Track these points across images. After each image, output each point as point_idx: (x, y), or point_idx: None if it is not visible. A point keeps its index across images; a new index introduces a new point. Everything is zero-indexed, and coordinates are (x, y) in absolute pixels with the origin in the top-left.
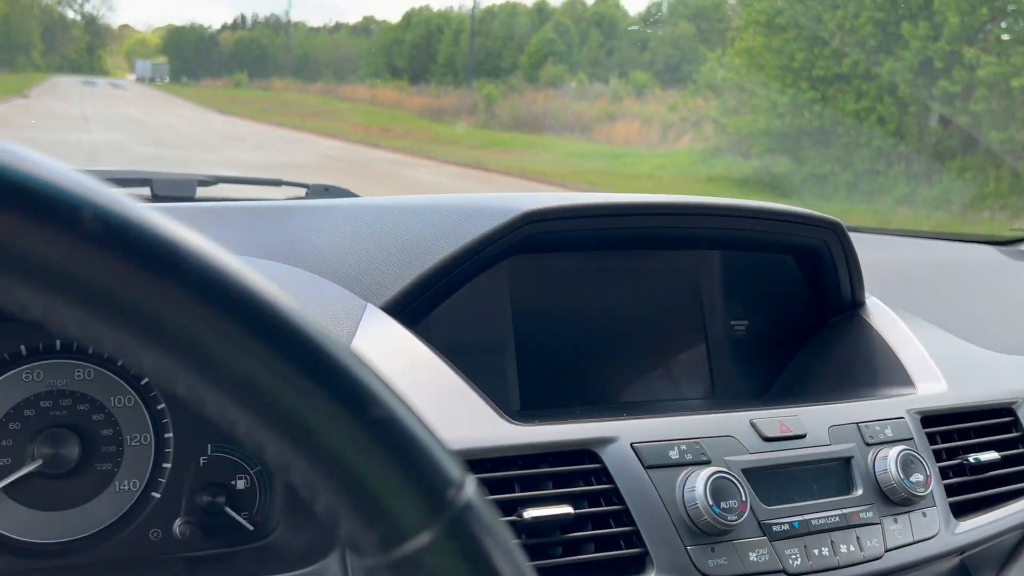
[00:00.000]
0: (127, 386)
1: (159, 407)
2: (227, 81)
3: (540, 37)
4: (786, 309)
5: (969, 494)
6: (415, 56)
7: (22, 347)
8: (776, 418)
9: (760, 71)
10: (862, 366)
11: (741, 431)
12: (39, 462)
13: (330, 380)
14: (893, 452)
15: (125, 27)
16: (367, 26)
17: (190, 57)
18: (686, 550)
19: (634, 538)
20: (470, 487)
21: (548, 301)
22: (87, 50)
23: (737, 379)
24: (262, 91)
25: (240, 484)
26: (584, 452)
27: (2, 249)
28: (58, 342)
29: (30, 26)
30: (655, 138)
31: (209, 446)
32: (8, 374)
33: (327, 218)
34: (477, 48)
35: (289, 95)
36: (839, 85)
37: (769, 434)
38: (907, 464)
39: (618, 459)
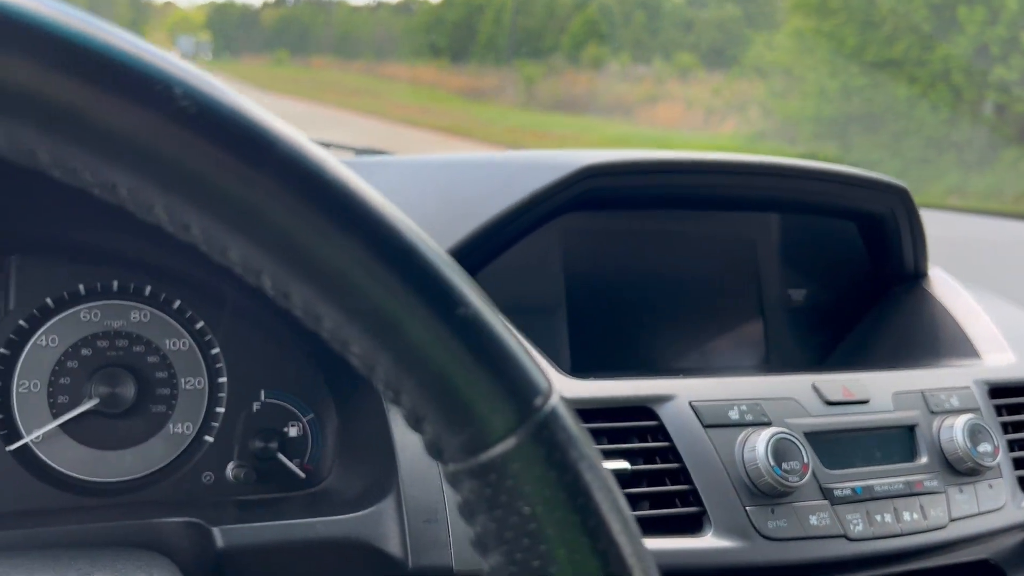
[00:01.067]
0: (182, 329)
1: (214, 352)
2: (268, 58)
3: (583, 17)
4: (846, 278)
5: None
6: (456, 35)
7: (80, 287)
8: (839, 382)
9: (810, 55)
10: (925, 338)
11: (802, 394)
12: (96, 400)
13: (420, 277)
14: (960, 421)
15: (168, 4)
16: (408, 5)
17: (233, 34)
18: (745, 511)
19: (691, 497)
20: (556, 397)
21: (602, 264)
22: (130, 27)
23: (793, 349)
24: (303, 68)
25: (292, 431)
26: (641, 409)
27: (91, 126)
28: (115, 283)
29: (75, 3)
30: (699, 121)
31: (262, 392)
32: (67, 313)
33: (379, 175)
34: (518, 28)
35: (330, 73)
36: (891, 71)
37: (831, 398)
38: (974, 434)
39: (676, 417)
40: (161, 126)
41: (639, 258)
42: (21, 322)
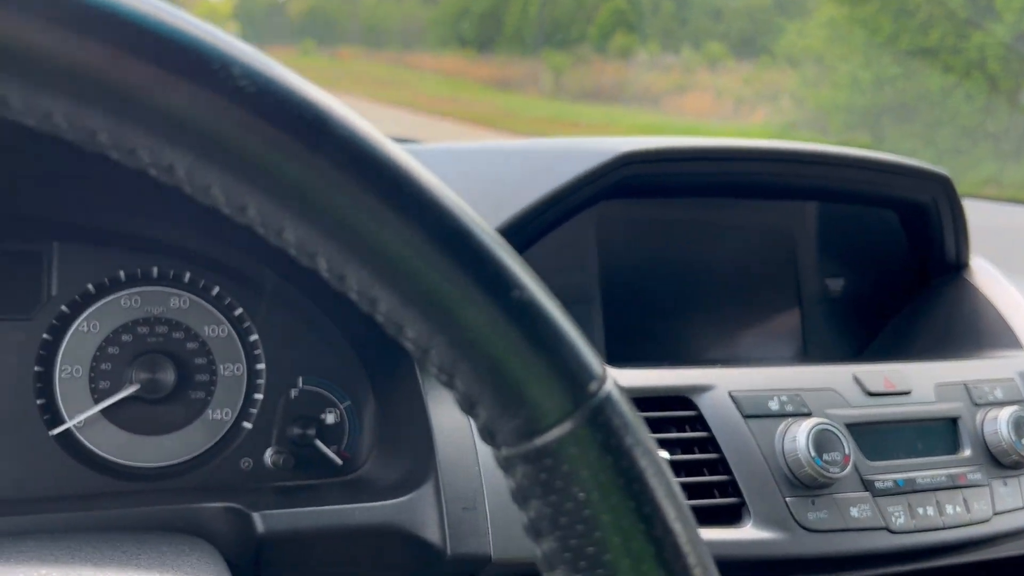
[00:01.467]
0: (221, 316)
1: (252, 338)
2: (295, 49)
3: (610, 7)
4: (885, 268)
5: None
6: (483, 25)
7: (121, 273)
8: (880, 373)
9: (843, 43)
10: (966, 329)
11: (843, 385)
12: (137, 386)
13: (475, 260)
14: (1004, 413)
15: None
16: None
17: (260, 24)
18: (785, 502)
19: (730, 487)
20: (611, 382)
21: (637, 253)
22: None
23: (830, 340)
24: (330, 59)
25: (329, 418)
26: (679, 398)
27: (150, 106)
28: (155, 269)
29: None
30: (728, 111)
31: (300, 379)
32: (108, 299)
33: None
34: (545, 17)
35: (356, 64)
36: (925, 59)
37: (873, 389)
38: (1019, 426)
39: (715, 407)
40: (219, 106)
41: (675, 247)
42: (63, 308)
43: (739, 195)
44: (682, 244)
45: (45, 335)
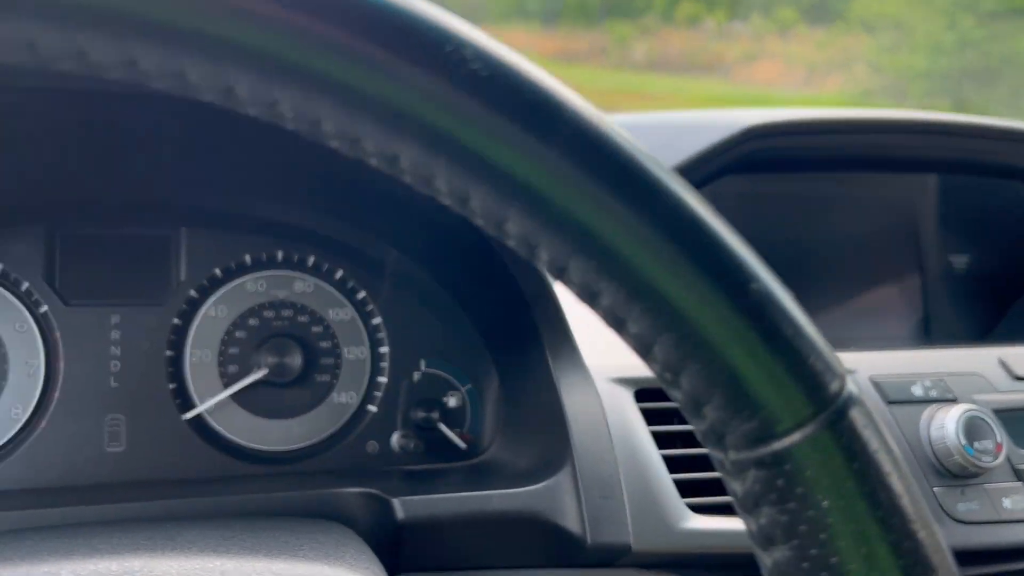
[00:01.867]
0: (344, 299)
1: (375, 321)
2: None
3: None
4: (1012, 243)
5: None
6: None
7: (247, 257)
8: None
9: (923, 5)
10: None
11: (988, 369)
12: (266, 370)
13: (710, 251)
14: None
15: None
16: None
17: None
18: (932, 492)
19: None
20: (851, 381)
21: (755, 229)
22: None
23: (954, 319)
24: None
25: (452, 402)
26: None
27: (378, 93)
28: (280, 253)
29: None
30: (799, 79)
31: (422, 362)
32: (234, 283)
33: None
34: None
35: None
36: (1011, 20)
37: (1021, 372)
38: None
39: None
40: (451, 91)
41: (793, 223)
42: (192, 292)
43: (861, 168)
44: (800, 220)
45: (175, 320)
